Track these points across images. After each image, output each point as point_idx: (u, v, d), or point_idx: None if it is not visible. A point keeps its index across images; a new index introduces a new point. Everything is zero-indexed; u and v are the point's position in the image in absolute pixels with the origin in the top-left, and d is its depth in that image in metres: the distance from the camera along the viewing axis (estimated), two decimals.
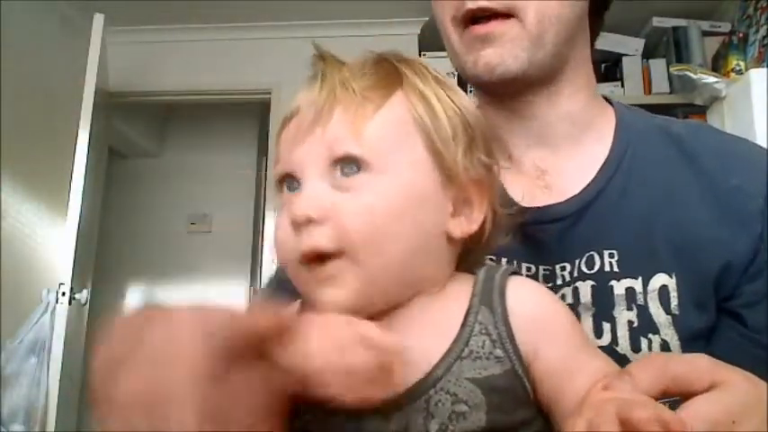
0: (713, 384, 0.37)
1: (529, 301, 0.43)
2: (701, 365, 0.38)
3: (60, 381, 2.22)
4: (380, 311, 0.43)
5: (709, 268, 0.58)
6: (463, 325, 0.42)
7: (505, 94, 0.63)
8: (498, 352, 0.40)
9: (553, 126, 0.65)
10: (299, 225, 0.42)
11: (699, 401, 0.36)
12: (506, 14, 0.59)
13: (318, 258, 0.41)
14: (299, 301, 0.47)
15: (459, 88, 0.49)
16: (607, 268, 0.59)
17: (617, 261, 0.59)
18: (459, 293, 0.44)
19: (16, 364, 2.15)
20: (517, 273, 0.46)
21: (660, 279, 0.58)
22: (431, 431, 0.39)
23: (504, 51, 0.59)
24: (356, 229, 0.41)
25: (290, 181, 0.45)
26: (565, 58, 0.64)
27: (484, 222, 0.46)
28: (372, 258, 0.41)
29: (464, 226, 0.45)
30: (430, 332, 0.42)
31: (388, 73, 0.47)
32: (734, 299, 0.58)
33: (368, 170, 0.42)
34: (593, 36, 0.70)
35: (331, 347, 0.35)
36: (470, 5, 0.59)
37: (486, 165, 0.47)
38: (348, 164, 0.42)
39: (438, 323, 0.43)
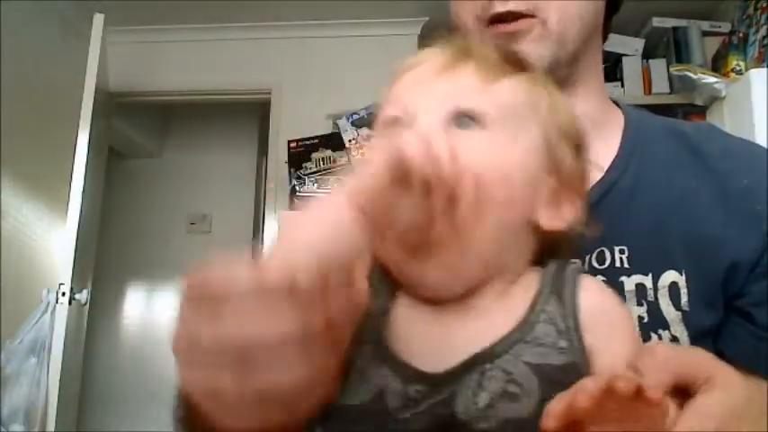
0: (711, 378, 0.37)
1: (598, 298, 0.43)
2: (702, 359, 0.39)
3: (60, 381, 2.22)
4: (458, 297, 0.42)
5: (718, 266, 0.59)
6: (531, 310, 0.41)
7: None
8: (562, 343, 0.40)
9: None
10: (411, 155, 0.38)
11: (704, 398, 0.37)
12: (530, 15, 0.60)
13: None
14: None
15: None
16: (618, 264, 0.60)
17: (627, 257, 0.59)
18: (529, 283, 0.43)
19: (16, 364, 2.15)
20: (586, 272, 0.46)
21: (670, 276, 0.59)
22: (479, 403, 0.38)
23: (529, 50, 0.60)
24: (466, 167, 0.39)
25: (396, 123, 0.43)
26: (582, 60, 0.65)
27: (569, 226, 0.46)
28: (470, 208, 0.39)
29: (553, 219, 0.45)
30: (499, 314, 0.42)
31: (518, 59, 0.48)
32: (742, 297, 0.59)
33: (485, 128, 0.42)
34: (603, 38, 0.71)
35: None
36: (499, 8, 0.60)
37: (587, 170, 0.47)
38: (467, 118, 0.42)
39: (506, 305, 0.42)
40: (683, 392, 0.38)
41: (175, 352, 0.36)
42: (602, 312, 0.42)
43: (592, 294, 0.42)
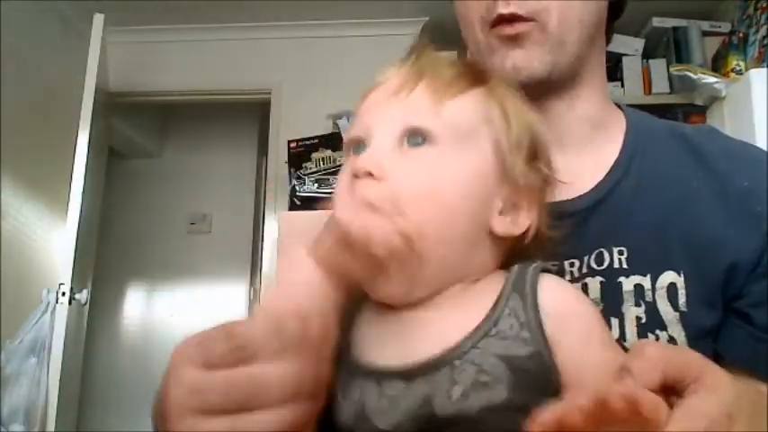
0: (700, 377, 0.38)
1: (558, 292, 0.45)
2: (691, 358, 0.39)
3: (60, 381, 2.22)
4: (419, 299, 0.45)
5: (717, 267, 0.59)
6: (494, 307, 0.43)
7: (528, 96, 0.64)
8: (525, 334, 0.42)
9: (570, 127, 0.66)
10: (357, 176, 0.44)
11: (694, 398, 0.37)
12: (528, 18, 0.61)
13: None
14: None
15: (534, 113, 0.52)
16: (616, 265, 0.60)
17: (626, 258, 0.60)
18: (495, 281, 0.46)
19: (16, 364, 2.15)
20: (549, 270, 0.47)
21: (669, 276, 0.59)
22: (453, 395, 0.40)
23: (531, 54, 0.61)
24: (409, 192, 0.43)
25: (358, 146, 0.47)
26: (584, 62, 0.65)
27: (527, 230, 0.48)
28: (420, 225, 0.42)
29: (508, 226, 0.47)
30: (463, 310, 0.44)
31: (477, 72, 0.50)
32: (741, 298, 0.59)
33: (434, 144, 0.45)
34: (607, 40, 0.71)
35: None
36: (502, 10, 0.61)
37: (544, 177, 0.49)
38: (417, 136, 0.45)
39: (471, 303, 0.45)
40: (670, 391, 0.38)
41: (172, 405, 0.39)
42: (559, 304, 0.44)
43: (550, 288, 0.44)
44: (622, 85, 2.75)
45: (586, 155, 0.65)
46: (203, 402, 0.38)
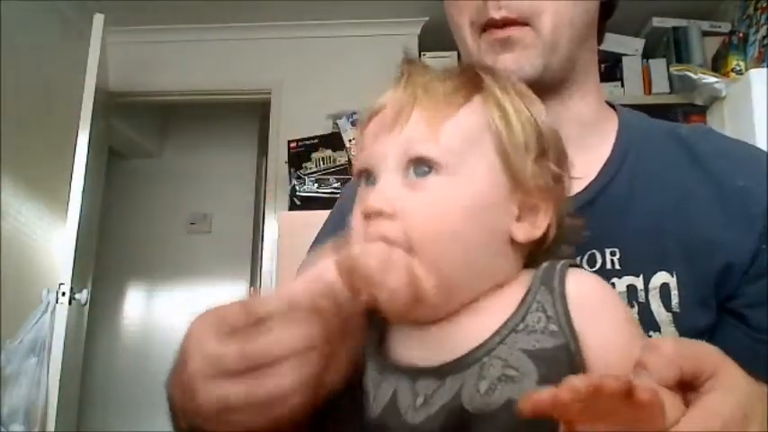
0: (716, 373, 0.37)
1: (585, 284, 0.44)
2: (708, 352, 0.39)
3: (60, 381, 2.22)
4: (448, 312, 0.46)
5: (712, 268, 0.59)
6: (522, 302, 0.44)
7: None
8: (553, 327, 0.42)
9: (562, 129, 0.65)
10: (370, 217, 0.45)
11: (710, 395, 0.37)
12: (521, 23, 0.61)
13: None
14: None
15: (539, 102, 0.51)
16: (609, 266, 0.60)
17: (618, 259, 0.60)
18: (523, 279, 0.46)
19: (16, 364, 2.15)
20: (579, 266, 0.47)
21: (661, 277, 0.59)
22: (481, 389, 0.41)
23: (522, 58, 0.61)
24: (422, 227, 0.43)
25: (367, 176, 0.48)
26: (576, 63, 0.65)
27: (548, 229, 0.47)
28: (437, 259, 0.43)
29: (528, 231, 0.47)
30: (492, 309, 0.45)
31: (469, 79, 0.48)
32: (736, 299, 0.59)
33: (439, 172, 0.44)
34: (599, 40, 0.71)
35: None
36: (494, 15, 0.61)
37: (556, 175, 0.48)
38: (421, 165, 0.45)
39: (500, 302, 0.45)
40: (686, 386, 0.38)
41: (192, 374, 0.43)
42: (587, 296, 0.44)
43: (578, 281, 0.44)
44: (622, 85, 2.75)
45: (578, 155, 0.64)
46: (221, 369, 0.41)
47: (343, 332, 0.43)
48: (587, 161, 0.64)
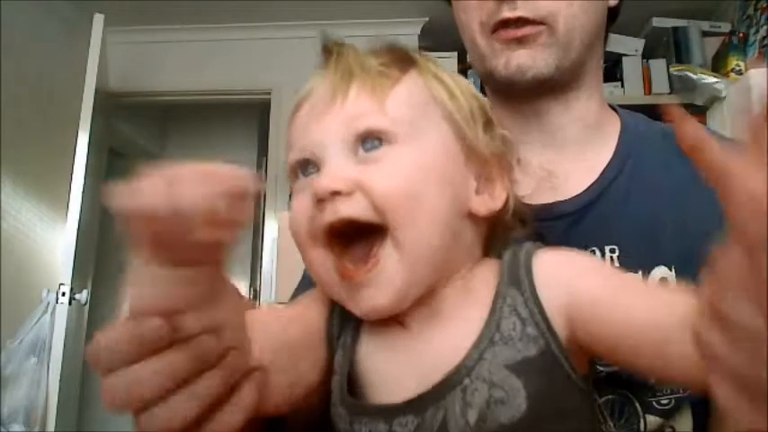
0: None
1: (552, 261, 0.41)
2: None
3: (60, 381, 2.22)
4: (413, 304, 0.42)
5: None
6: (492, 309, 0.40)
7: (528, 96, 0.65)
8: (530, 330, 0.38)
9: (566, 130, 0.67)
10: (324, 201, 0.40)
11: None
12: (537, 22, 0.61)
13: (337, 237, 0.40)
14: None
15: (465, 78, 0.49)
16: (607, 263, 0.60)
17: (617, 256, 0.60)
18: (488, 278, 0.43)
19: (16, 364, 2.15)
20: (541, 246, 0.44)
21: (660, 271, 0.59)
22: (470, 421, 0.37)
23: (536, 54, 0.61)
24: (390, 195, 0.39)
25: (305, 167, 0.43)
26: (584, 66, 0.66)
27: (506, 202, 0.45)
28: (413, 228, 0.40)
29: (488, 203, 0.44)
30: (460, 322, 0.41)
31: (400, 55, 0.46)
32: None
33: (392, 142, 0.41)
34: (603, 45, 0.72)
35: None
36: (508, 14, 0.60)
37: (506, 140, 0.46)
38: (371, 139, 0.41)
39: (467, 311, 0.41)
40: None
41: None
42: (557, 268, 0.40)
43: (545, 263, 0.41)
44: (622, 85, 2.75)
45: (581, 156, 0.66)
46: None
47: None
48: (590, 162, 0.65)
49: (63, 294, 2.27)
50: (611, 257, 0.60)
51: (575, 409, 0.38)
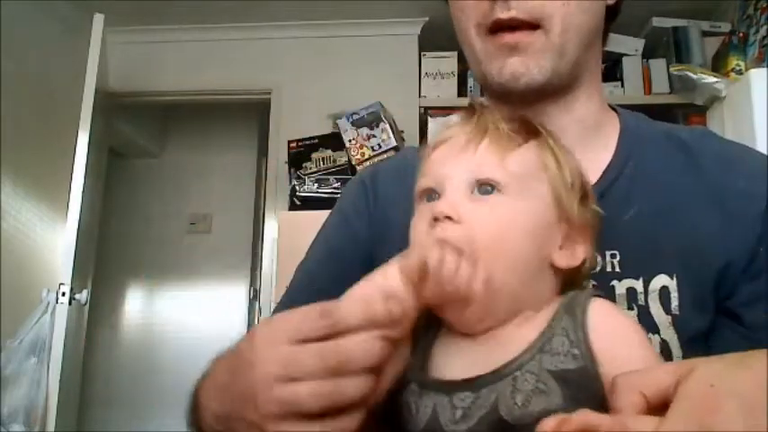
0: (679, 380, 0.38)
1: (603, 313, 0.49)
2: (661, 372, 0.40)
3: (60, 381, 2.22)
4: (487, 327, 0.51)
5: (711, 268, 0.59)
6: (548, 326, 0.48)
7: (525, 102, 0.64)
8: (575, 351, 0.46)
9: (565, 132, 0.66)
10: (437, 221, 0.50)
11: (676, 394, 0.38)
12: (532, 25, 0.61)
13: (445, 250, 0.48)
14: None
15: (574, 156, 0.56)
16: (609, 268, 0.60)
17: (618, 261, 0.60)
18: (552, 306, 0.51)
19: (16, 364, 2.15)
20: (601, 296, 0.51)
21: (661, 280, 0.59)
22: (518, 401, 0.45)
23: (530, 61, 0.61)
24: (483, 234, 0.49)
25: (430, 194, 0.53)
26: (582, 67, 0.65)
27: (584, 261, 0.53)
28: (493, 264, 0.48)
29: (569, 258, 0.52)
30: (523, 330, 0.50)
31: (529, 126, 0.55)
32: (733, 298, 0.59)
33: (502, 192, 0.51)
34: (603, 44, 0.71)
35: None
36: (501, 15, 0.60)
37: (595, 215, 0.55)
38: (486, 185, 0.51)
39: (529, 324, 0.50)
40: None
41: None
42: (604, 323, 0.48)
43: (599, 310, 0.49)
44: (622, 85, 2.75)
45: (581, 158, 0.65)
46: (296, 371, 0.41)
47: (403, 339, 0.45)
48: (590, 164, 0.64)
49: (63, 294, 2.27)
50: (612, 262, 0.60)
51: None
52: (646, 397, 0.39)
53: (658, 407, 0.38)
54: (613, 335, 0.48)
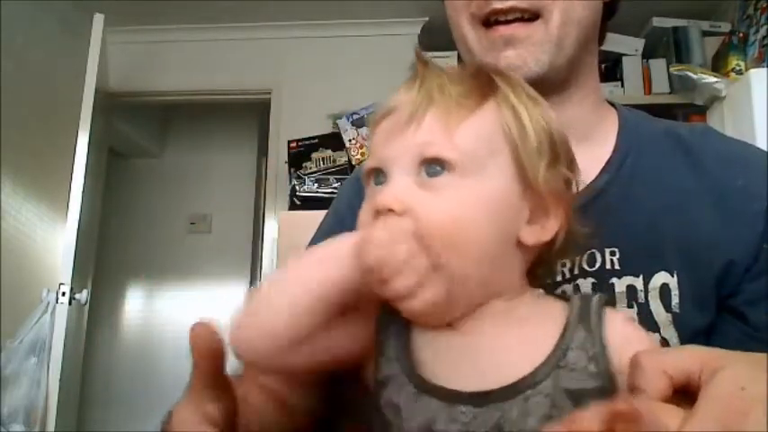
0: (703, 368, 0.37)
1: (621, 328, 0.45)
2: (691, 353, 0.39)
3: (60, 381, 2.22)
4: (460, 314, 0.45)
5: (712, 266, 0.59)
6: (562, 337, 0.43)
7: None
8: (592, 368, 0.42)
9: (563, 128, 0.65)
10: (379, 214, 0.44)
11: (704, 389, 0.37)
12: (530, 16, 0.60)
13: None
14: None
15: (549, 107, 0.50)
16: (608, 266, 0.60)
17: (618, 259, 0.60)
18: (553, 309, 0.46)
19: (16, 364, 2.15)
20: (609, 303, 0.48)
21: (661, 277, 0.59)
22: (528, 426, 0.41)
23: (527, 54, 0.60)
24: (432, 226, 0.43)
25: (377, 175, 0.47)
26: (579, 63, 0.65)
27: (556, 234, 0.47)
28: (447, 255, 0.43)
29: (538, 233, 0.47)
30: (528, 336, 0.45)
31: (483, 83, 0.48)
32: (736, 296, 0.59)
33: (452, 172, 0.44)
34: (600, 41, 0.71)
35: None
36: (498, 5, 0.59)
37: (567, 179, 0.48)
38: (434, 165, 0.44)
39: (534, 332, 0.45)
40: (689, 393, 0.38)
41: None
42: (625, 338, 0.44)
43: (616, 323, 0.45)
44: (622, 85, 2.75)
45: (579, 155, 0.65)
46: None
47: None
48: (588, 161, 0.64)
49: (63, 294, 2.27)
50: (612, 260, 0.60)
51: None
52: (672, 379, 0.38)
53: (679, 390, 0.38)
54: (631, 349, 0.43)
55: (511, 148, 0.46)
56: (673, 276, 0.59)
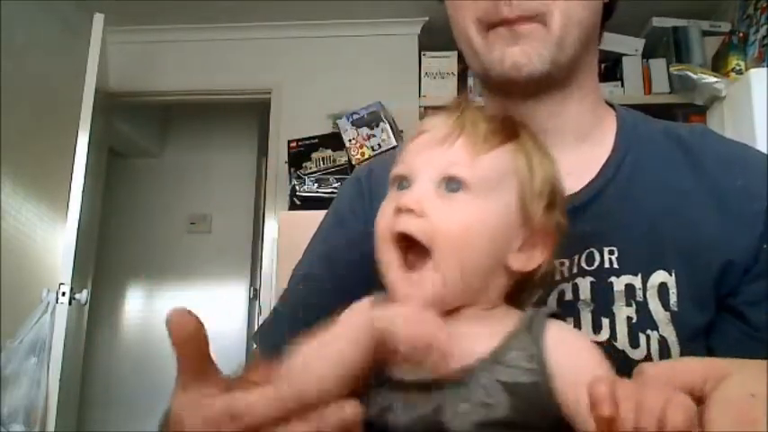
0: (708, 380, 0.38)
1: (560, 332, 0.51)
2: (692, 366, 0.40)
3: (60, 381, 2.22)
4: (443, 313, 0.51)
5: (711, 266, 0.59)
6: (507, 340, 0.50)
7: (524, 94, 0.65)
8: (529, 365, 0.48)
9: (560, 129, 0.66)
10: (400, 212, 0.51)
11: (712, 399, 0.38)
12: (532, 18, 0.61)
13: (405, 241, 0.51)
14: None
15: (555, 162, 0.57)
16: (606, 265, 0.60)
17: (617, 258, 0.60)
18: (509, 317, 0.53)
19: (16, 364, 2.15)
20: (557, 315, 0.53)
21: (660, 276, 0.59)
22: (459, 411, 0.47)
23: (531, 50, 0.61)
24: (444, 229, 0.50)
25: (402, 182, 0.54)
26: (579, 63, 0.65)
27: (539, 267, 0.54)
28: (450, 259, 0.50)
29: (524, 262, 0.53)
30: (479, 336, 0.50)
31: (509, 127, 0.56)
32: (736, 296, 0.59)
33: (467, 191, 0.51)
34: (598, 41, 0.71)
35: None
36: (507, 13, 0.61)
37: (559, 224, 0.55)
38: (454, 182, 0.51)
39: (486, 331, 0.51)
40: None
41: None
42: (562, 341, 0.50)
43: (555, 329, 0.51)
44: (622, 85, 2.75)
45: (577, 155, 0.65)
46: None
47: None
48: (586, 161, 0.65)
49: (63, 294, 2.27)
50: (611, 258, 0.60)
51: (542, 429, 0.48)
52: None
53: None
54: (569, 351, 0.49)
55: (519, 186, 0.53)
56: (671, 275, 0.59)
